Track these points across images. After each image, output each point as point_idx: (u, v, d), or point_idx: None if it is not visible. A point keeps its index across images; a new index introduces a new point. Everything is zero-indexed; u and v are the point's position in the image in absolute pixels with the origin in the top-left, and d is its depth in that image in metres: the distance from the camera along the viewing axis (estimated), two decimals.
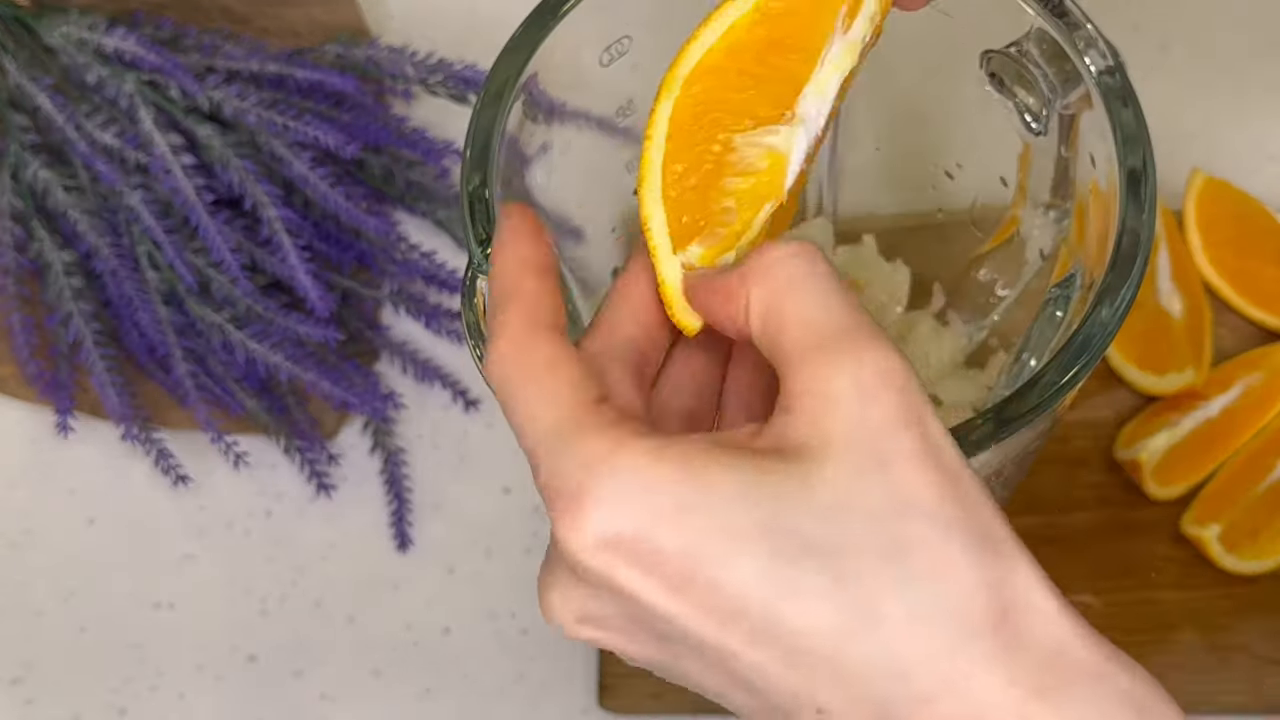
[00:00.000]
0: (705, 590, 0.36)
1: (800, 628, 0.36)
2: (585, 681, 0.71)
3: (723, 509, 0.36)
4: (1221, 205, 0.79)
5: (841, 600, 0.36)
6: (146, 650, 0.73)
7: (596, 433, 0.38)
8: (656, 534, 0.36)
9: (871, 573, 0.36)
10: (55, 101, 0.75)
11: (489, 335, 0.41)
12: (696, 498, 0.36)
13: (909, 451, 0.37)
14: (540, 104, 0.54)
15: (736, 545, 0.36)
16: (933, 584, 0.36)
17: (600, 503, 0.37)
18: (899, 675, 0.36)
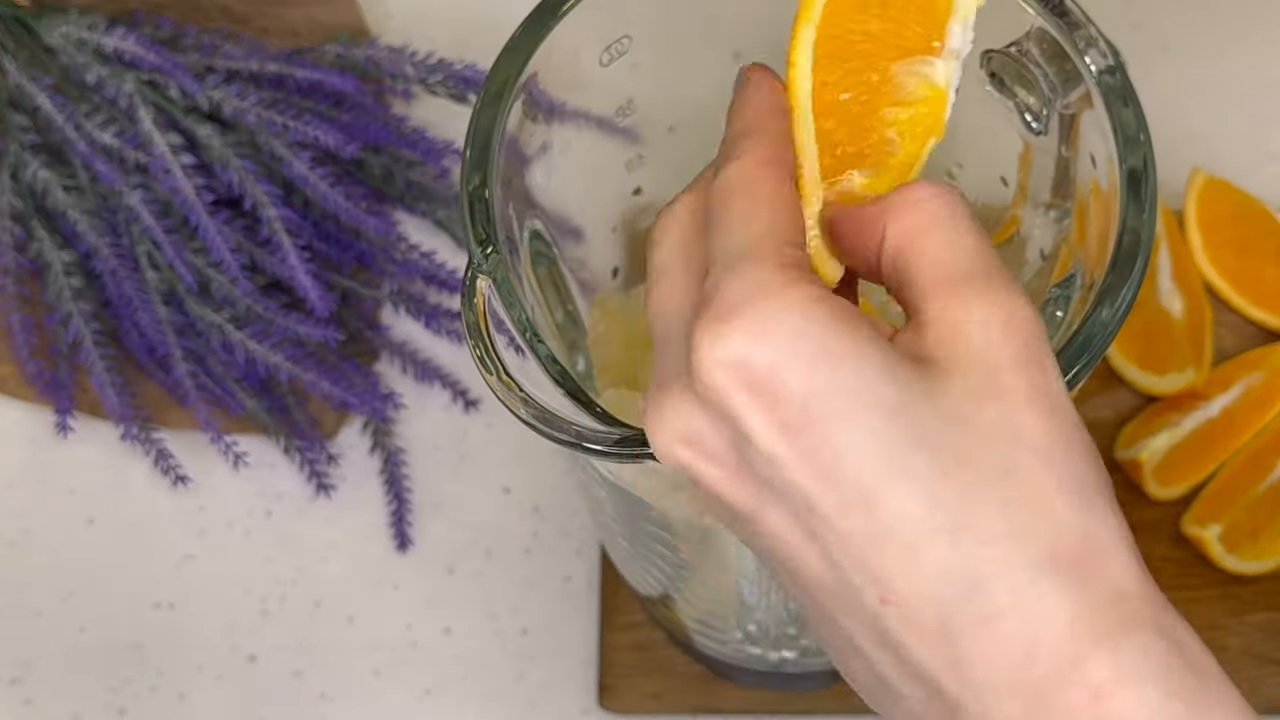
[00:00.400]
0: (817, 441, 0.36)
1: (896, 510, 0.36)
2: (585, 681, 0.71)
3: (860, 373, 0.37)
4: (1222, 205, 0.79)
5: (942, 497, 0.36)
6: (146, 650, 0.73)
7: (777, 267, 0.38)
8: (790, 372, 0.36)
9: (975, 483, 0.36)
10: (55, 101, 0.75)
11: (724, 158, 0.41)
12: (840, 353, 0.37)
13: (1026, 390, 0.38)
14: (540, 104, 0.54)
15: (862, 411, 0.36)
16: (1027, 512, 0.36)
17: (748, 324, 0.37)
18: (973, 585, 0.36)
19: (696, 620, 0.65)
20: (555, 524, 0.75)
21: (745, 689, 0.70)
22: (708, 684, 0.70)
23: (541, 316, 0.56)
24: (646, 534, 0.58)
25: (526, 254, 0.55)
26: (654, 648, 0.71)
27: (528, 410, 0.47)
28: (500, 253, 0.50)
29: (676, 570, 0.61)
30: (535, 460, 0.76)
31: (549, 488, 0.75)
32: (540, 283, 0.57)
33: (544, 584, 0.73)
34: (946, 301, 0.39)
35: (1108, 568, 0.37)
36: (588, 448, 0.47)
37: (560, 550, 0.74)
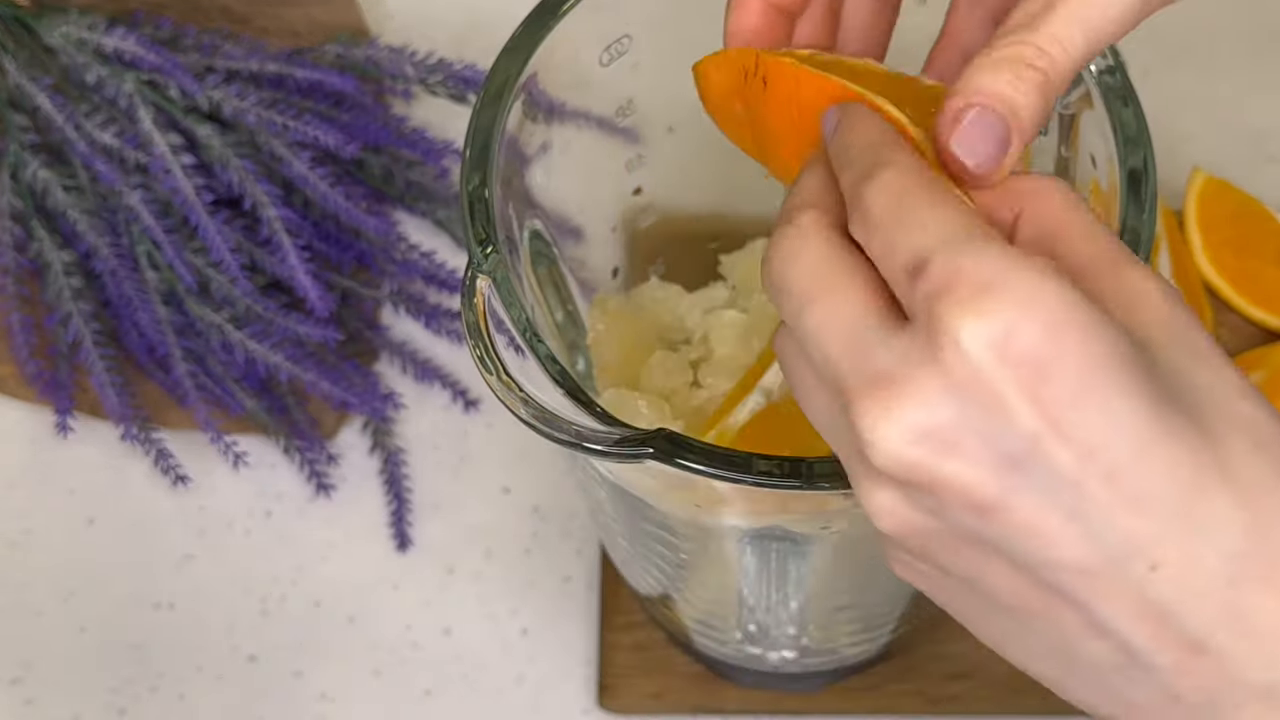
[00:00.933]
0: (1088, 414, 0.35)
1: (1166, 473, 0.35)
2: (585, 681, 0.71)
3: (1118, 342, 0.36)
4: (1222, 205, 0.79)
5: (1206, 452, 0.36)
6: (146, 650, 0.73)
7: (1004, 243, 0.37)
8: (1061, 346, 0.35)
9: (1224, 436, 0.36)
10: (55, 101, 0.75)
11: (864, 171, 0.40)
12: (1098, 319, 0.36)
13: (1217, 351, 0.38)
14: (540, 104, 0.54)
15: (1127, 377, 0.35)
16: (1272, 453, 0.36)
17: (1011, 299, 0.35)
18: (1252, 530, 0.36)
19: (696, 620, 0.65)
20: (555, 524, 0.75)
21: (745, 689, 0.70)
22: (708, 684, 0.71)
23: (541, 316, 0.56)
24: (646, 534, 0.58)
25: (526, 254, 0.55)
26: (654, 648, 0.71)
27: (528, 410, 0.47)
28: (500, 253, 0.50)
29: (676, 570, 0.61)
30: (535, 460, 0.76)
31: (549, 488, 0.75)
32: (540, 283, 0.57)
33: (544, 584, 0.73)
34: (1119, 273, 0.38)
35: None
36: (588, 448, 0.47)
37: (560, 550, 0.74)
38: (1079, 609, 0.37)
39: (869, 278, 0.39)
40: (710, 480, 0.47)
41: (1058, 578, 0.37)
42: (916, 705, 0.70)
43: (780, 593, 0.59)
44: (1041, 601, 0.38)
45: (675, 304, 0.63)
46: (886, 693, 0.70)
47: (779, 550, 0.56)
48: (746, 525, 0.54)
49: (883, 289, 0.38)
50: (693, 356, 0.62)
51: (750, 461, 0.46)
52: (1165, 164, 0.52)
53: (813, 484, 0.45)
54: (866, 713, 0.70)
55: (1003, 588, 0.38)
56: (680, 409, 0.59)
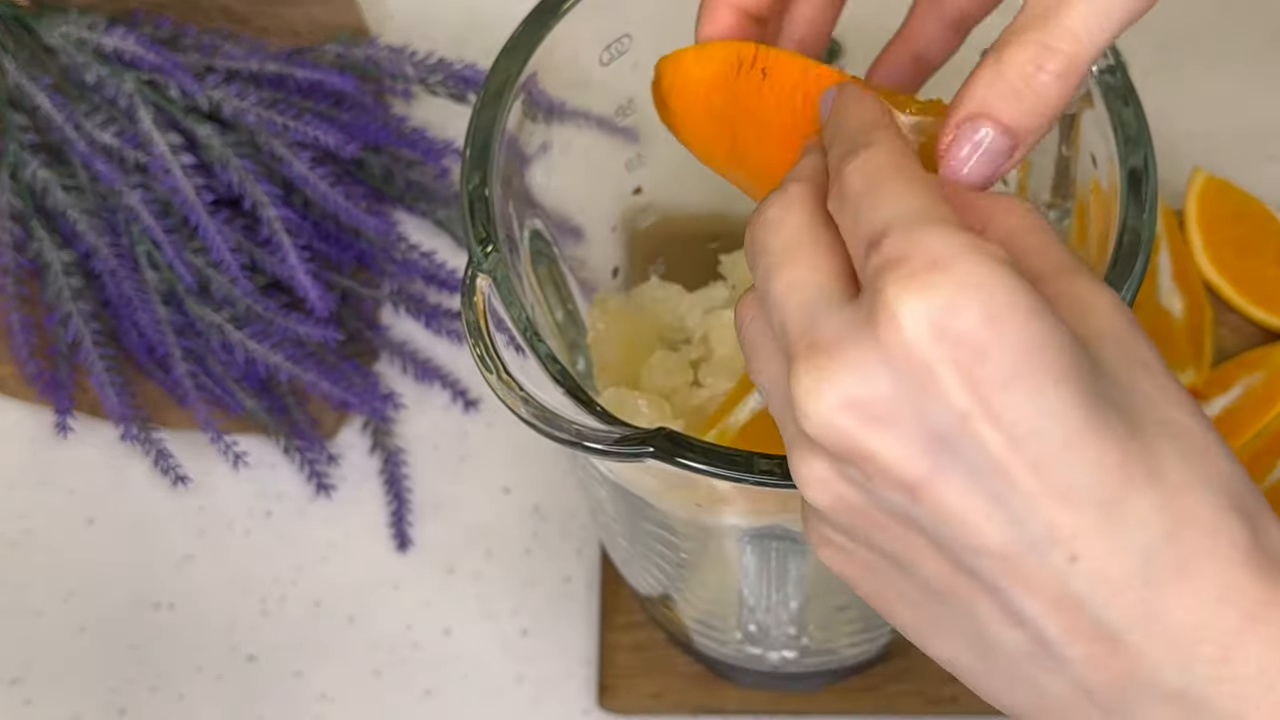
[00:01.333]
0: (1014, 397, 0.35)
1: (1094, 465, 0.36)
2: (585, 681, 0.71)
3: (1060, 336, 0.36)
4: (1222, 205, 0.79)
5: (1135, 451, 0.36)
6: (146, 650, 0.73)
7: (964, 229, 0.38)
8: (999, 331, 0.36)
9: (1154, 439, 0.37)
10: (55, 101, 0.75)
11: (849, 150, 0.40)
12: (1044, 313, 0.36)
13: (1160, 363, 0.39)
14: (540, 104, 0.54)
15: (1063, 369, 0.36)
16: (1203, 464, 0.37)
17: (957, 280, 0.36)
18: (1169, 532, 0.36)
19: (696, 620, 0.65)
20: (555, 524, 0.75)
21: (745, 689, 0.70)
22: (708, 684, 0.71)
23: (541, 316, 0.56)
24: (646, 534, 0.58)
25: (526, 253, 0.55)
26: (654, 648, 0.71)
27: (528, 410, 0.47)
28: (500, 252, 0.50)
29: (676, 570, 0.61)
30: (535, 460, 0.76)
31: (549, 488, 0.75)
32: (540, 282, 0.57)
33: (544, 584, 0.73)
34: (1070, 282, 0.39)
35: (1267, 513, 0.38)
36: (588, 447, 0.47)
37: (560, 550, 0.74)
38: (997, 595, 0.37)
39: (838, 250, 0.39)
40: (711, 479, 0.47)
41: (978, 562, 0.37)
42: (916, 705, 0.70)
43: (780, 593, 0.59)
44: (961, 586, 0.38)
45: (675, 304, 0.63)
46: (886, 693, 0.70)
47: (779, 550, 0.56)
48: (747, 525, 0.54)
49: (849, 262, 0.39)
50: (693, 356, 0.62)
51: (751, 461, 0.46)
52: (1165, 164, 0.52)
53: None
54: (866, 713, 0.70)
55: (925, 569, 0.38)
56: (680, 408, 0.59)
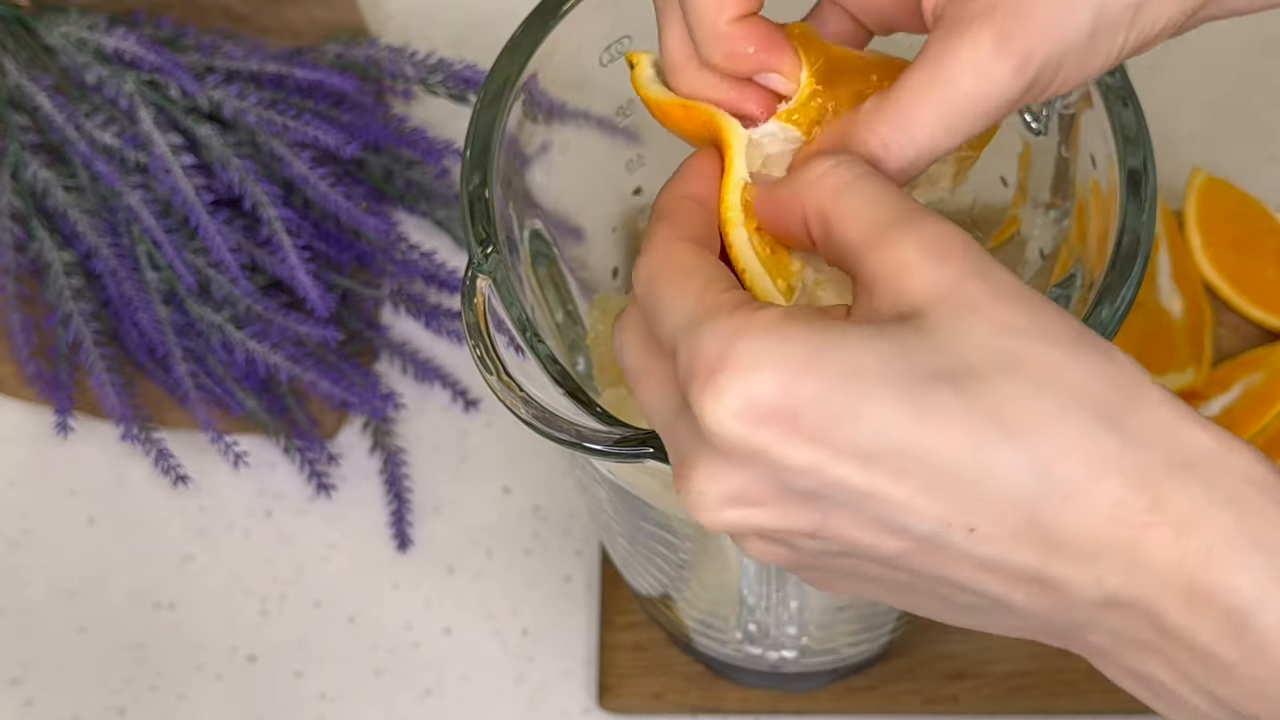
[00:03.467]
0: (845, 431, 0.38)
1: (940, 450, 0.38)
2: (585, 681, 0.71)
3: (852, 351, 0.38)
4: (1222, 205, 0.79)
5: (975, 417, 0.38)
6: (146, 650, 0.73)
7: (729, 312, 0.39)
8: (793, 386, 0.38)
9: (997, 388, 0.38)
10: (55, 101, 0.75)
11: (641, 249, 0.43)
12: (827, 345, 0.38)
13: (989, 293, 0.39)
14: (540, 104, 0.54)
15: (870, 382, 0.38)
16: (1052, 388, 0.38)
17: (737, 368, 0.38)
18: (1040, 476, 0.38)
19: (696, 620, 0.65)
20: (555, 524, 0.75)
21: (745, 689, 0.70)
22: (708, 684, 0.71)
23: (541, 316, 0.56)
24: (646, 534, 0.58)
25: (526, 254, 0.55)
26: (654, 648, 0.71)
27: (528, 410, 0.47)
28: (500, 253, 0.50)
29: (676, 570, 0.61)
30: (535, 460, 0.76)
31: (549, 488, 0.75)
32: (540, 283, 0.57)
33: (544, 584, 0.73)
34: (882, 254, 0.40)
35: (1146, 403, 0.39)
36: (588, 448, 0.47)
37: (560, 550, 0.74)
38: (933, 580, 0.40)
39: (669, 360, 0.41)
40: None
41: (900, 564, 0.40)
42: (916, 705, 0.70)
43: (780, 592, 0.59)
44: (902, 578, 0.41)
45: None
46: (886, 692, 0.70)
47: None
48: None
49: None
50: None
51: None
52: (1165, 164, 0.52)
53: None
54: (866, 712, 0.70)
55: (874, 574, 0.41)
56: None
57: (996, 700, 0.70)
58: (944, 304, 0.39)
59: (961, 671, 0.70)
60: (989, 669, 0.70)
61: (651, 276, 0.42)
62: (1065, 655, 0.70)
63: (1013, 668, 0.70)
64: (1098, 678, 0.70)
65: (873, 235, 0.40)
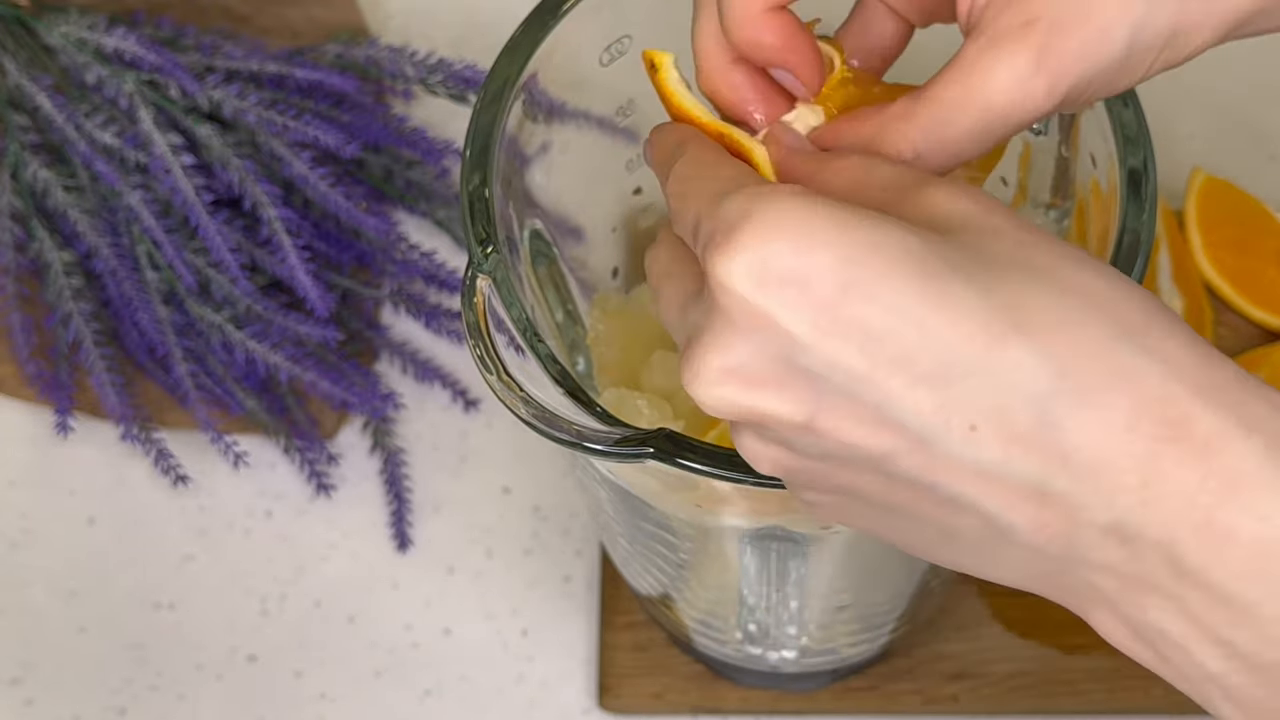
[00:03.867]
0: (854, 305, 0.37)
1: (949, 338, 0.36)
2: (585, 681, 0.71)
3: (876, 231, 0.37)
4: (1222, 205, 0.79)
5: (992, 308, 0.36)
6: (146, 650, 0.73)
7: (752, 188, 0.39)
8: (810, 252, 0.37)
9: (1019, 286, 0.37)
10: (55, 101, 0.75)
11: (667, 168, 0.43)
12: (851, 221, 0.37)
13: (1015, 224, 0.39)
14: (540, 104, 0.54)
15: (888, 260, 0.37)
16: (1077, 295, 0.37)
17: (756, 228, 0.37)
18: (1055, 377, 0.36)
19: (696, 620, 0.65)
20: (555, 524, 0.75)
21: (745, 689, 0.70)
22: (708, 684, 0.71)
23: (541, 316, 0.56)
24: (646, 534, 0.58)
25: (526, 254, 0.55)
26: (654, 648, 0.71)
27: (528, 410, 0.47)
28: (500, 253, 0.50)
29: (676, 570, 0.61)
30: (535, 460, 0.76)
31: (549, 488, 0.75)
32: (540, 282, 0.57)
33: (544, 584, 0.73)
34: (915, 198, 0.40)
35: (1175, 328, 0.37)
36: (588, 448, 0.47)
37: (560, 550, 0.74)
38: (928, 491, 0.38)
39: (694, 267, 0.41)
40: (711, 480, 0.47)
41: (898, 470, 0.38)
42: (916, 705, 0.70)
43: (780, 593, 0.59)
44: (900, 494, 0.39)
45: None
46: (886, 693, 0.70)
47: (779, 550, 0.56)
48: (747, 525, 0.54)
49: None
50: None
51: None
52: (1165, 164, 0.52)
53: None
54: (866, 713, 0.70)
55: (868, 491, 0.40)
56: (681, 409, 0.59)
57: (996, 700, 0.70)
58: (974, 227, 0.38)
59: (961, 671, 0.70)
60: (989, 669, 0.70)
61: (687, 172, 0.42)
62: (1065, 655, 0.70)
63: (1013, 668, 0.70)
64: (1098, 677, 0.70)
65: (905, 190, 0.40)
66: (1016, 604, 0.71)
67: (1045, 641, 0.71)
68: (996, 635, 0.71)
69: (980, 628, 0.71)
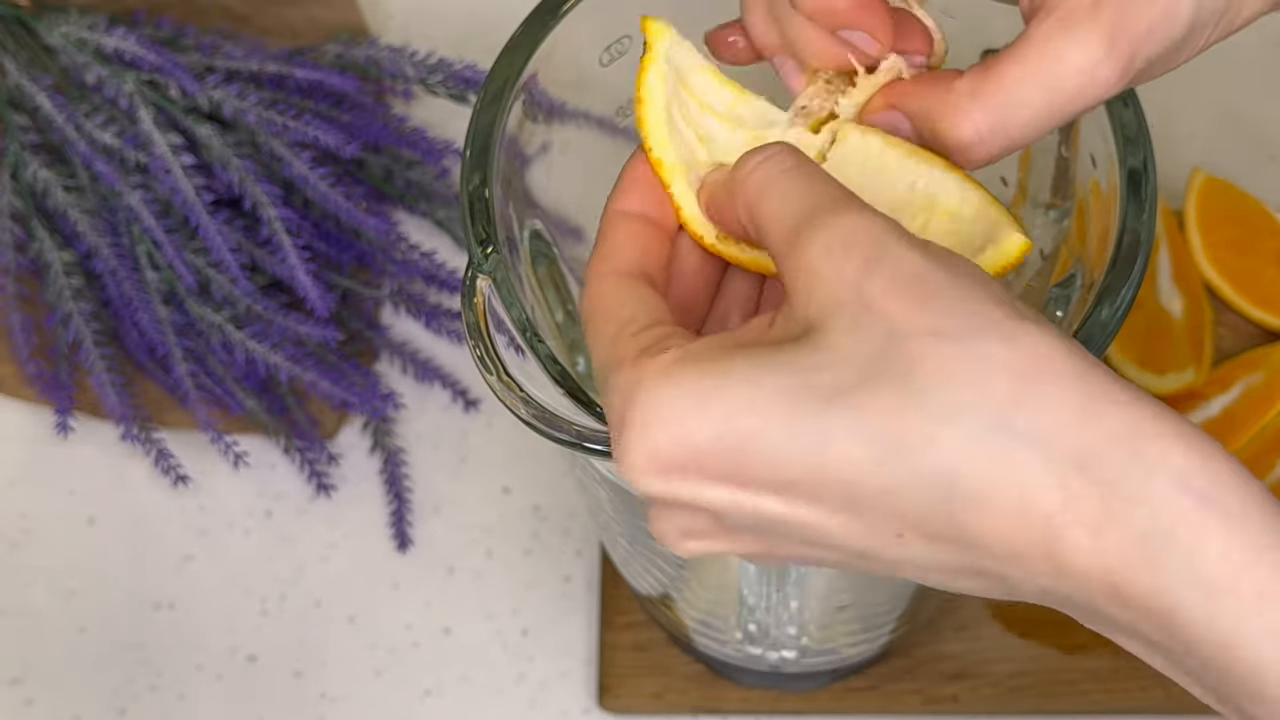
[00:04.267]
0: (751, 469, 0.38)
1: (845, 471, 0.37)
2: (585, 681, 0.71)
3: (740, 389, 0.38)
4: (1222, 205, 0.79)
5: (871, 432, 0.37)
6: (146, 650, 0.73)
7: (631, 364, 0.39)
8: (687, 434, 0.38)
9: (888, 398, 0.37)
10: (55, 101, 0.75)
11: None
12: (714, 387, 0.38)
13: (884, 286, 0.38)
14: (540, 104, 0.54)
15: (761, 416, 0.37)
16: (945, 389, 0.37)
17: (634, 424, 0.38)
18: (947, 483, 0.37)
19: (696, 620, 0.65)
20: (555, 524, 0.75)
21: (745, 689, 0.70)
22: (708, 684, 0.71)
23: (541, 316, 0.56)
24: (646, 534, 0.58)
25: (526, 254, 0.55)
26: (654, 648, 0.71)
27: (528, 410, 0.47)
28: (500, 253, 0.50)
29: (677, 570, 0.61)
30: (535, 460, 0.76)
31: (549, 488, 0.75)
32: (540, 283, 0.57)
33: (544, 584, 0.73)
34: (795, 254, 0.39)
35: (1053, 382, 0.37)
36: (588, 448, 0.47)
37: (560, 550, 0.74)
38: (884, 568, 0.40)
39: None
40: None
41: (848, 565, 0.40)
42: (916, 705, 0.70)
43: (780, 593, 0.59)
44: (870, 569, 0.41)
45: None
46: (886, 693, 0.70)
47: None
48: None
49: None
50: None
51: None
52: (1165, 164, 0.52)
53: None
54: (866, 712, 0.70)
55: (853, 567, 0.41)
56: None
57: (996, 700, 0.70)
58: (841, 309, 0.38)
59: (961, 671, 0.70)
60: (989, 669, 0.70)
61: (585, 316, 0.43)
62: (1065, 655, 0.70)
63: (1013, 668, 0.70)
64: (1098, 677, 0.70)
65: (787, 238, 0.40)
66: (1016, 604, 0.71)
67: (1045, 641, 0.71)
68: (996, 635, 0.71)
69: (980, 628, 0.71)
